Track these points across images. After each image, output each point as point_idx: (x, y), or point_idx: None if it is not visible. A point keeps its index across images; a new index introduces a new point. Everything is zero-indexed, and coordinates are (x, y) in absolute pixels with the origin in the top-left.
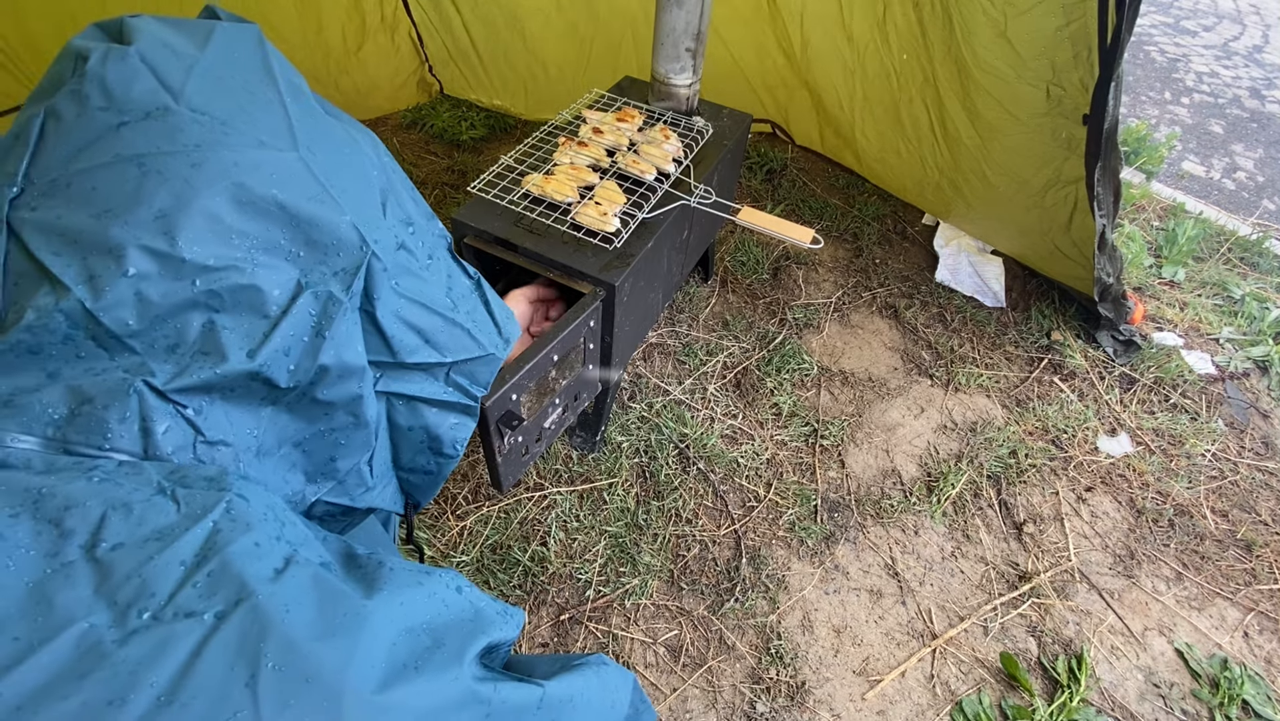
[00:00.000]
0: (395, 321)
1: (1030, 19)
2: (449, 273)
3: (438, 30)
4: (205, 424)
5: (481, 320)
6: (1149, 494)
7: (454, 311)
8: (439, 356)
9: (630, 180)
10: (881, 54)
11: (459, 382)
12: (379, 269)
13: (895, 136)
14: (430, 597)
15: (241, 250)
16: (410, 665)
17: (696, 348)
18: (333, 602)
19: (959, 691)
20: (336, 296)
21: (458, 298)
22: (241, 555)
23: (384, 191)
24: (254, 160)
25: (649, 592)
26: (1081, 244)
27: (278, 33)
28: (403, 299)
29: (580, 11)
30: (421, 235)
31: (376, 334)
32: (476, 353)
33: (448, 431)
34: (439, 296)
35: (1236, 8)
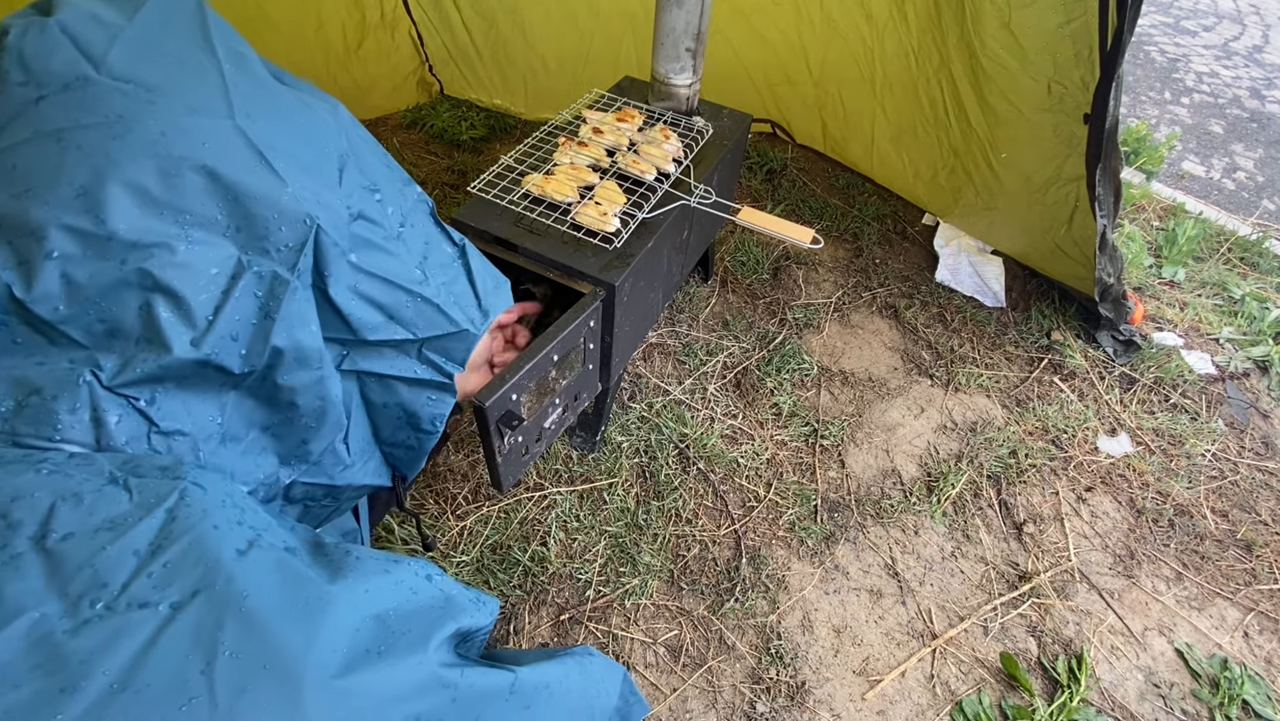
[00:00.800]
0: (352, 298)
1: (1032, 13)
2: (427, 240)
3: (437, 28)
4: (159, 414)
5: (460, 292)
6: (1149, 494)
7: (423, 285)
8: (406, 333)
9: (630, 180)
10: (900, 33)
11: (432, 359)
12: (329, 243)
13: (914, 115)
14: (397, 585)
15: (173, 226)
16: (374, 650)
17: (696, 348)
18: (296, 586)
19: (959, 691)
20: (282, 276)
21: (432, 269)
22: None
23: (343, 158)
24: (183, 128)
25: (649, 592)
26: (1082, 243)
27: (276, 29)
28: (360, 273)
29: (580, 6)
30: (392, 202)
31: (332, 311)
32: (448, 329)
33: (424, 408)
34: (406, 269)
35: (1236, 8)
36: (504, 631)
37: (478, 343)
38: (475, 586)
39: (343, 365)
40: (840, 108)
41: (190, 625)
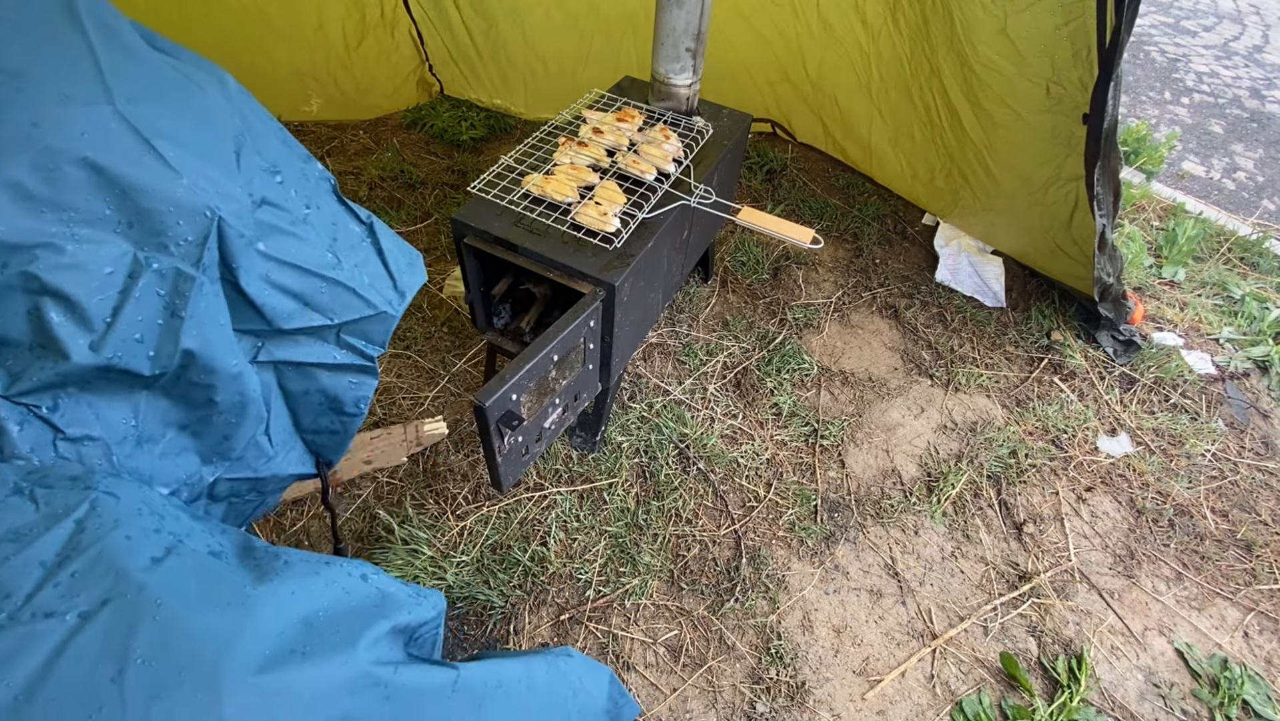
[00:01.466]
0: (264, 288)
1: (1030, 16)
2: (334, 220)
3: (437, 28)
4: (64, 421)
5: (374, 273)
6: (1149, 494)
7: (336, 269)
8: (323, 319)
9: (630, 180)
10: (894, 39)
11: (351, 344)
12: (233, 234)
13: (911, 118)
14: (328, 585)
15: (56, 224)
16: (299, 650)
17: (696, 347)
18: (217, 590)
19: (959, 691)
20: (185, 272)
21: (343, 250)
22: (111, 550)
23: (238, 139)
24: (57, 118)
25: (649, 592)
26: (1082, 242)
27: (277, 30)
28: (271, 261)
29: (581, 7)
30: (294, 184)
31: (245, 303)
32: (366, 311)
33: (347, 391)
34: (318, 254)
35: (1236, 8)
36: (504, 631)
37: (393, 327)
38: (476, 586)
39: (259, 357)
40: (837, 109)
41: (100, 634)
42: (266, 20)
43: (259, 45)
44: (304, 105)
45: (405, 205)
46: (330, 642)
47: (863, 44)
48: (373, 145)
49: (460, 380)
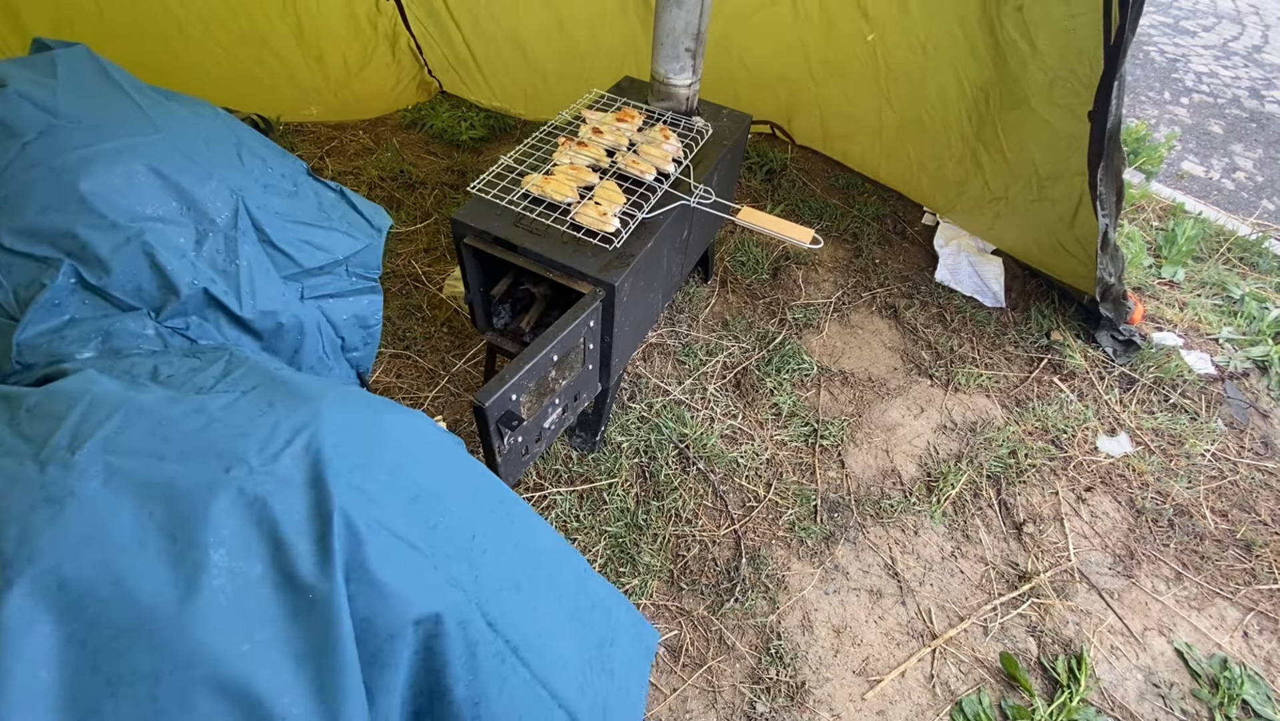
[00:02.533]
0: (289, 240)
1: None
2: (315, 191)
3: (437, 42)
4: (196, 335)
5: (354, 220)
6: (1149, 494)
7: (329, 220)
8: (331, 255)
9: (630, 180)
10: (903, 25)
11: (357, 272)
12: (255, 206)
13: (920, 108)
14: None
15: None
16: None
17: (696, 348)
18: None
19: (959, 691)
20: (231, 236)
21: (328, 208)
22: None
23: (236, 146)
24: (129, 146)
25: (649, 592)
26: (1085, 241)
27: (278, 55)
28: (288, 222)
29: (581, 32)
30: (280, 169)
31: (280, 254)
32: (358, 246)
33: (366, 308)
34: (314, 212)
35: (1236, 8)
36: None
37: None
38: None
39: (304, 295)
40: (844, 104)
41: (256, 397)
42: (266, 45)
43: (261, 64)
44: (304, 109)
45: (405, 205)
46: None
47: (866, 35)
48: (373, 145)
49: (460, 380)
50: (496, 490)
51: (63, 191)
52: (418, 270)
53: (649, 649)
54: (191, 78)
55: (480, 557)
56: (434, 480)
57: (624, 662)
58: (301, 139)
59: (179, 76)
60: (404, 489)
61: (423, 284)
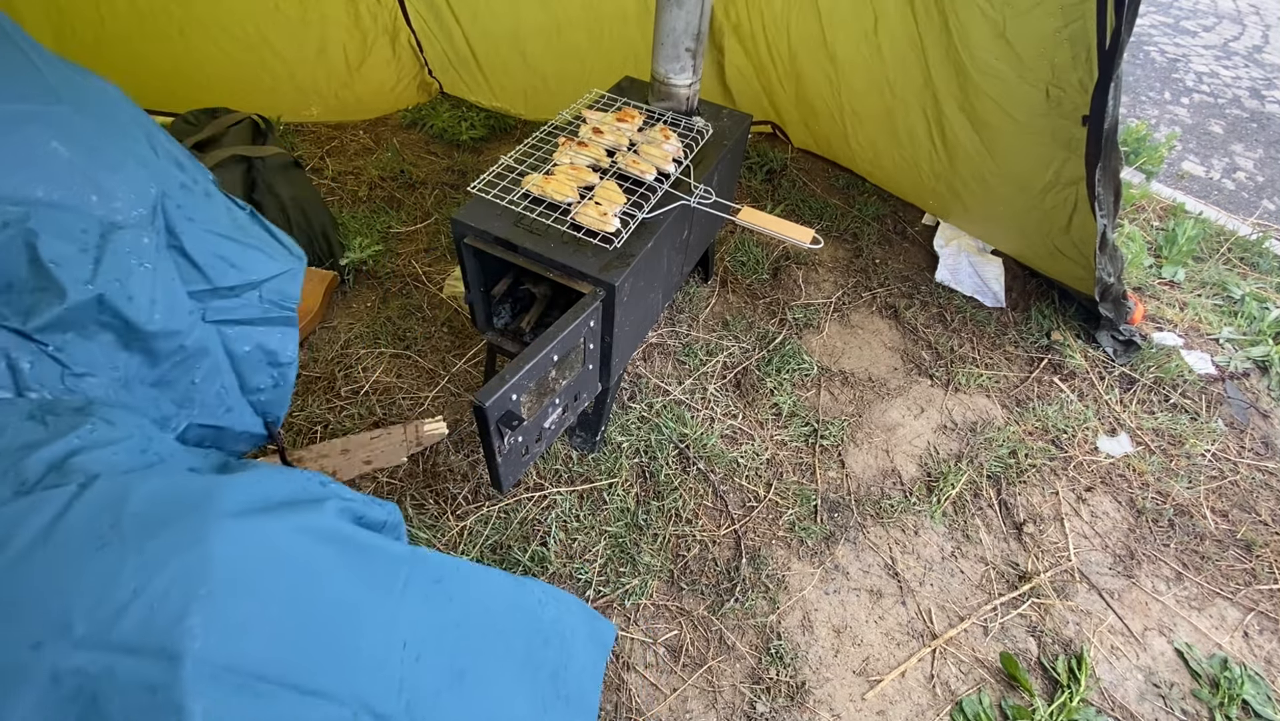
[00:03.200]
0: (202, 251)
1: (1029, 20)
2: (227, 206)
3: (437, 38)
4: (69, 359)
5: (270, 243)
6: (1149, 494)
7: (246, 236)
8: (246, 276)
9: (630, 180)
10: (872, 66)
11: (272, 299)
12: (172, 206)
13: (889, 145)
14: (289, 480)
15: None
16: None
17: (696, 348)
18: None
19: (959, 691)
20: (145, 233)
21: (243, 224)
22: (103, 458)
23: (149, 136)
24: (22, 116)
25: (649, 592)
26: (1081, 244)
27: (279, 53)
28: (202, 230)
29: (580, 36)
30: (193, 173)
31: (190, 265)
32: (277, 270)
33: (278, 344)
34: (230, 226)
35: (1236, 8)
36: None
37: (300, 283)
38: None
39: (205, 317)
40: (818, 129)
41: (97, 496)
42: (268, 44)
43: (262, 65)
44: (305, 109)
45: (405, 205)
46: (297, 505)
47: (832, 79)
48: (373, 145)
49: (460, 380)
50: (429, 570)
51: None
52: (418, 270)
53: (605, 644)
54: (192, 80)
55: (413, 668)
56: (349, 596)
57: (579, 674)
58: (301, 139)
59: (179, 77)
60: (303, 627)
61: (423, 284)
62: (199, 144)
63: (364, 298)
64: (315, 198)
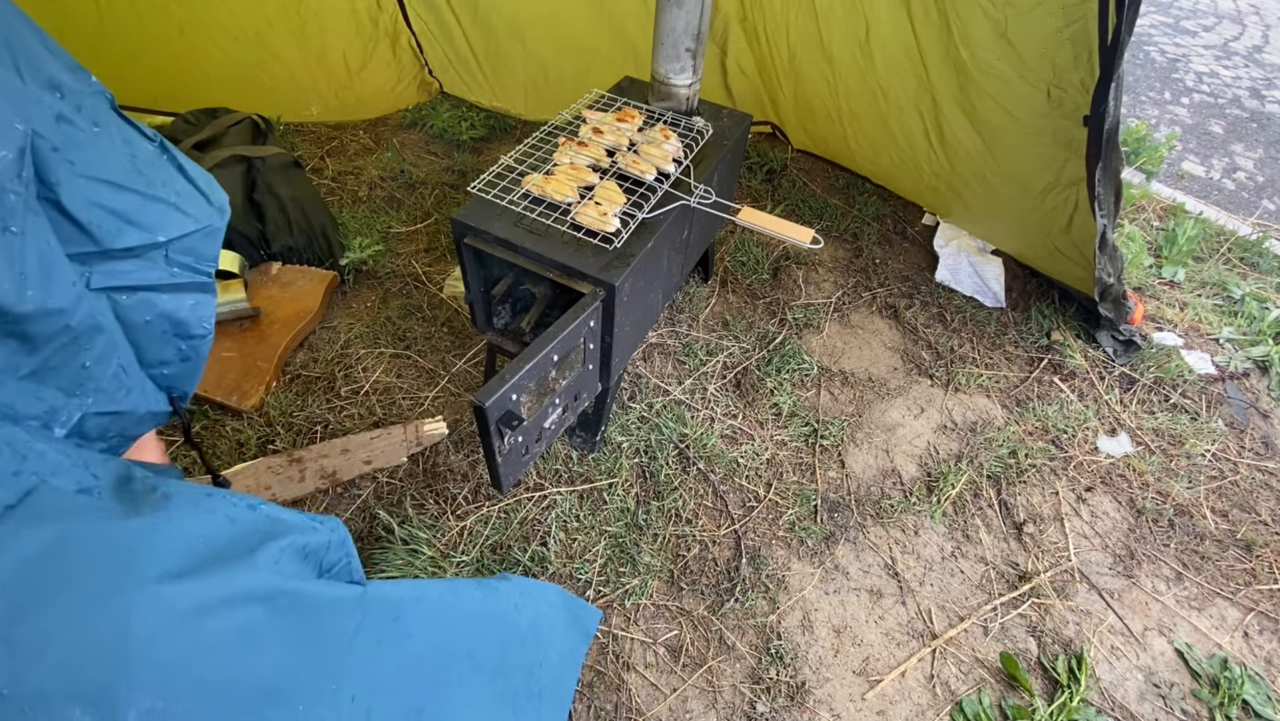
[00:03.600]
0: (86, 205)
1: (1031, 20)
2: (125, 138)
3: (437, 39)
4: None
5: (183, 190)
6: (1149, 494)
7: (150, 185)
8: (149, 236)
9: (630, 180)
10: (865, 73)
11: (182, 261)
12: (46, 148)
13: (888, 145)
14: (210, 514)
15: None
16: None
17: (696, 348)
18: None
19: (959, 691)
20: (9, 186)
21: (145, 166)
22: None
23: (16, 54)
24: None
25: (649, 592)
26: (1082, 245)
27: (278, 56)
28: (84, 178)
29: (579, 27)
30: (75, 99)
31: (69, 223)
32: (190, 226)
33: (190, 313)
34: (125, 169)
35: (1236, 8)
36: None
37: (220, 241)
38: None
39: (91, 284)
40: (816, 127)
41: None
42: (268, 45)
43: (262, 65)
44: (304, 109)
45: (405, 205)
46: (223, 561)
47: (830, 80)
48: (373, 145)
49: (460, 380)
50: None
51: None
52: (418, 270)
53: (587, 631)
54: (191, 79)
55: None
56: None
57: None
58: (301, 139)
59: (179, 77)
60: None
61: (423, 284)
62: (199, 144)
63: (364, 298)
64: (315, 198)
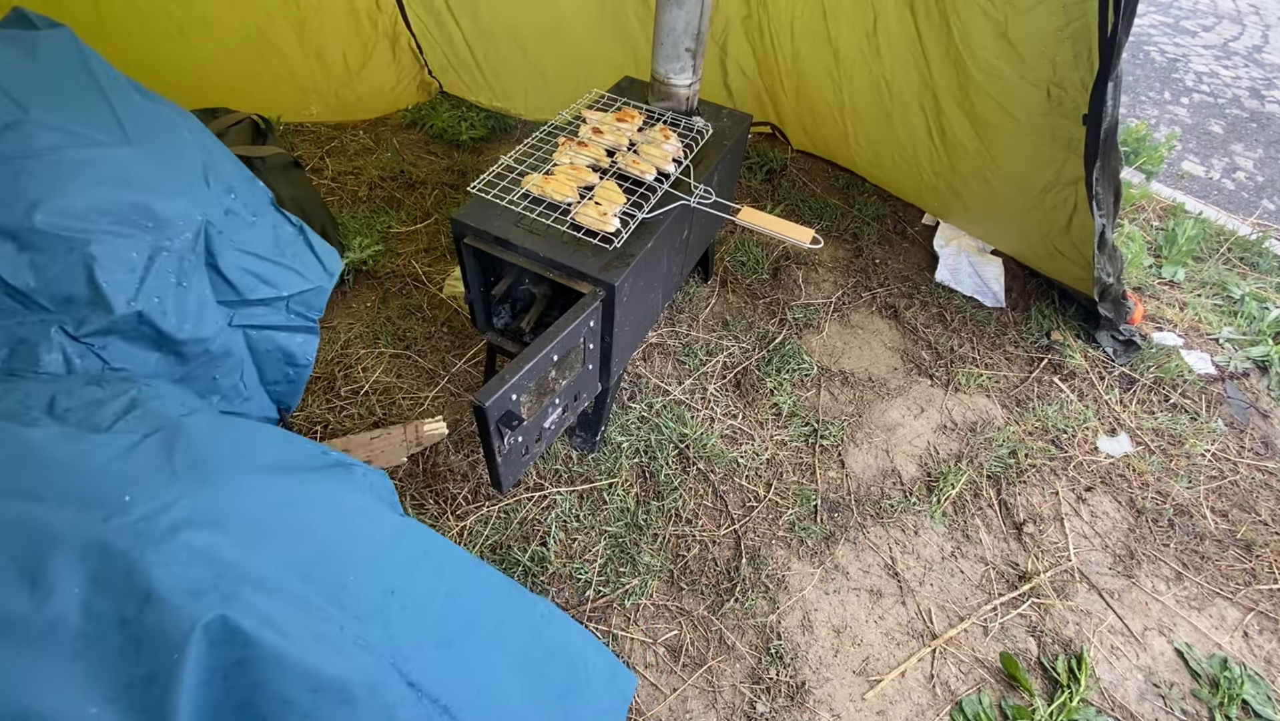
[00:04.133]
0: (236, 270)
1: (1031, 19)
2: (274, 225)
3: (437, 40)
4: (110, 357)
5: (307, 261)
6: (1149, 494)
7: (282, 256)
8: (275, 291)
9: (630, 180)
10: (871, 66)
11: (298, 310)
12: (214, 232)
13: (889, 144)
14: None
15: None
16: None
17: (696, 348)
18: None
19: (959, 691)
20: (186, 257)
21: (284, 244)
22: (157, 409)
23: (205, 167)
24: (95, 157)
25: (649, 592)
26: (1081, 245)
27: (280, 54)
28: (238, 251)
29: (581, 33)
30: (244, 198)
31: (223, 281)
32: (306, 286)
33: (298, 348)
34: (268, 246)
35: (1236, 8)
36: None
37: (326, 297)
38: None
39: (233, 322)
40: (816, 127)
41: (156, 442)
42: (268, 43)
43: (262, 65)
44: (304, 109)
45: (405, 205)
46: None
47: (835, 76)
48: (373, 145)
49: (460, 380)
50: (420, 541)
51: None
52: (418, 270)
53: (625, 694)
54: (191, 79)
55: (399, 615)
56: (342, 540)
57: (593, 710)
58: (301, 139)
59: (179, 77)
60: (304, 556)
61: (423, 284)
62: None
63: (364, 298)
64: (315, 198)
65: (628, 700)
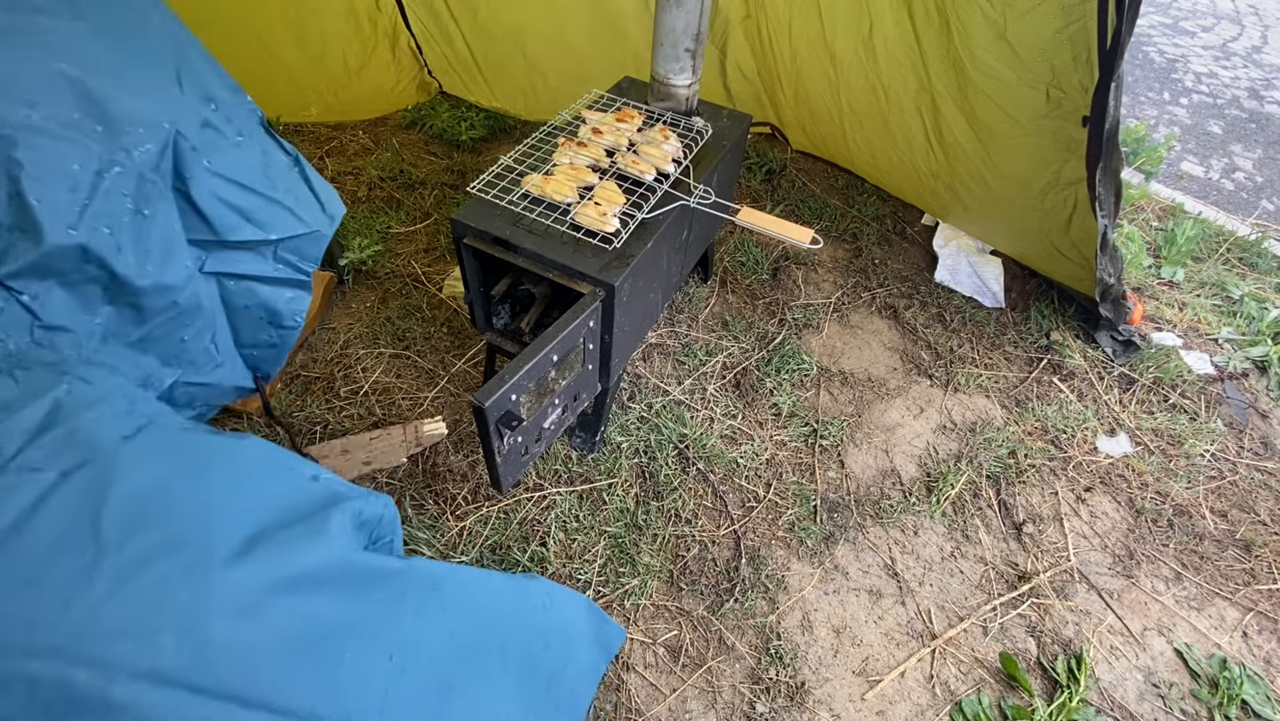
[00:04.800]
0: (212, 200)
1: (1030, 21)
2: (264, 149)
3: (436, 40)
4: (42, 309)
5: (304, 198)
6: (1148, 494)
7: (273, 190)
8: (262, 234)
9: (630, 180)
10: (867, 70)
11: (288, 259)
12: (186, 148)
13: (887, 146)
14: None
15: (35, 116)
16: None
17: (696, 348)
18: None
19: (958, 691)
20: (147, 176)
21: (276, 175)
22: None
23: (178, 65)
24: (25, 25)
25: (649, 592)
26: (1081, 244)
27: (278, 57)
28: (217, 177)
29: (579, 35)
30: (227, 111)
31: (194, 213)
32: (300, 230)
33: (285, 305)
34: (254, 174)
35: (1235, 8)
36: None
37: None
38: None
39: (204, 268)
40: (816, 129)
41: (77, 488)
42: (266, 48)
43: (261, 65)
44: (304, 109)
45: (405, 205)
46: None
47: (832, 78)
48: (372, 145)
49: (460, 380)
50: (425, 579)
51: None
52: (417, 270)
53: (610, 649)
54: None
55: (397, 682)
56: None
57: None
58: (301, 139)
59: None
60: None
61: (422, 284)
62: None
63: (363, 298)
64: None
65: (611, 653)
